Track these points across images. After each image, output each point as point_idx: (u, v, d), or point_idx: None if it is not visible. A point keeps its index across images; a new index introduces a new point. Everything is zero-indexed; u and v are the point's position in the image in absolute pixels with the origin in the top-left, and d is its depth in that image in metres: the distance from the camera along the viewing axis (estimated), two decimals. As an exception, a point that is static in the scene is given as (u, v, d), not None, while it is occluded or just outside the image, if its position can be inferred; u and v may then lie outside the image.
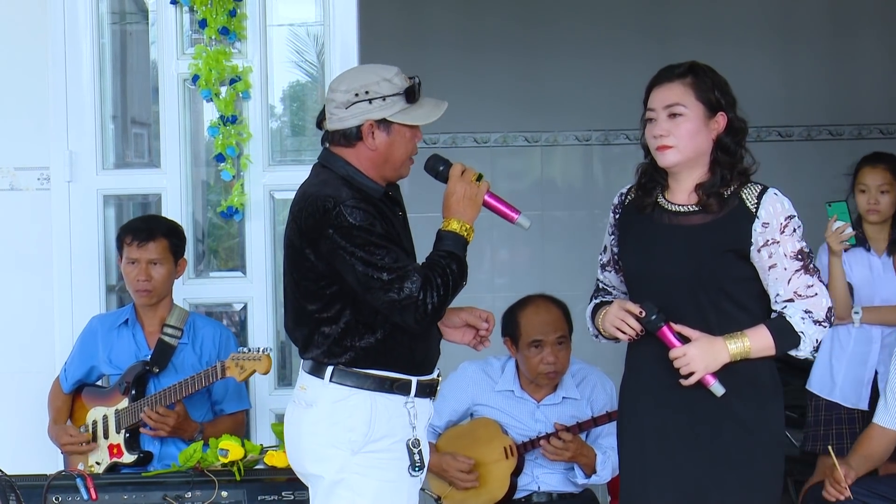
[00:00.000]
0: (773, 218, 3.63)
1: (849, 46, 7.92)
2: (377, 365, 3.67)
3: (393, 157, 3.71)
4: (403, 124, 3.70)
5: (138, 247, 4.77)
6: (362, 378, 3.66)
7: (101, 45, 5.26)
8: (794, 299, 3.64)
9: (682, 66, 3.72)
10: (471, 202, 3.72)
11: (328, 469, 3.68)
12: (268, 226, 5.19)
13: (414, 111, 3.70)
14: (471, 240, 3.72)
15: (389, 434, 3.67)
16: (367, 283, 3.58)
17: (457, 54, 7.65)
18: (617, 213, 3.86)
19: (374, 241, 3.58)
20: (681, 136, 3.66)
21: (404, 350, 3.68)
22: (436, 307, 3.58)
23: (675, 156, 3.67)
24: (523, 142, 7.90)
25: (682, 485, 3.66)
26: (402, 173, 3.77)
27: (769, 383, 3.70)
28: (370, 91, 3.67)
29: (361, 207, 3.60)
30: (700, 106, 3.67)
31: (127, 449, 4.72)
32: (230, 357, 4.49)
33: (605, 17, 7.83)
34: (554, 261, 7.82)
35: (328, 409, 3.67)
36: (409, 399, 3.68)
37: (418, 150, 3.78)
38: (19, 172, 5.28)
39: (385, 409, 3.66)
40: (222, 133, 5.10)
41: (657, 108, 3.69)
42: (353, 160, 3.71)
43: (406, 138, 3.71)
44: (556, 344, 5.00)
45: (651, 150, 3.72)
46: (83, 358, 4.89)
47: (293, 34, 6.08)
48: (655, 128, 3.68)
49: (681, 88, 3.67)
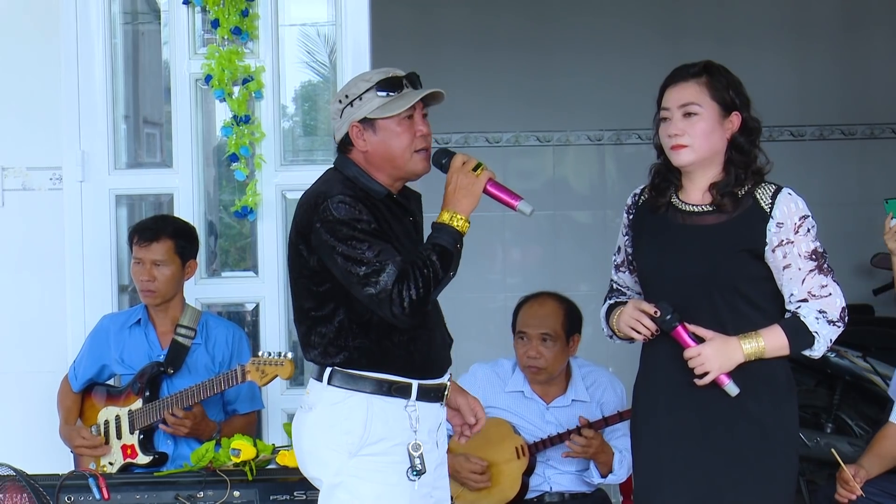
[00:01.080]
0: (788, 218, 3.63)
1: (861, 46, 7.90)
2: (374, 367, 3.65)
3: (391, 154, 3.69)
4: (384, 118, 3.68)
5: (143, 247, 4.77)
6: (359, 380, 3.65)
7: (114, 45, 5.26)
8: (808, 299, 3.63)
9: (696, 65, 3.72)
10: (466, 193, 3.65)
11: (326, 472, 3.68)
12: (280, 226, 5.19)
13: (394, 103, 3.67)
14: (464, 230, 3.65)
15: (388, 437, 3.64)
16: (348, 278, 3.58)
17: (468, 54, 7.65)
18: (631, 213, 3.86)
19: (356, 235, 3.57)
20: (696, 135, 3.65)
21: (402, 352, 3.65)
22: (415, 300, 3.53)
23: (689, 155, 3.67)
24: (535, 141, 7.89)
25: (697, 485, 3.66)
26: (412, 169, 3.72)
27: (783, 383, 3.69)
28: (349, 94, 3.69)
29: (347, 203, 3.60)
30: (715, 105, 3.66)
31: (142, 450, 4.72)
32: (250, 361, 4.46)
33: (617, 16, 7.82)
34: (566, 260, 7.81)
35: (326, 412, 3.67)
36: (409, 403, 3.65)
37: (430, 144, 3.74)
38: (32, 172, 5.29)
39: (382, 412, 3.63)
40: (236, 133, 5.09)
41: (672, 107, 3.68)
42: (360, 163, 3.72)
43: (396, 132, 3.67)
44: (540, 340, 4.99)
45: (665, 149, 3.72)
46: (94, 357, 4.89)
47: (305, 34, 6.08)
48: (670, 127, 3.68)
49: (696, 88, 3.67)
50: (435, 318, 3.77)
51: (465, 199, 3.66)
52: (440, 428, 3.79)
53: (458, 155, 3.73)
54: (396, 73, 3.71)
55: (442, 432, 3.80)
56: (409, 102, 3.66)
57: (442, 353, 3.76)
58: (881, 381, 6.28)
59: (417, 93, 3.69)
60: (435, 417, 3.74)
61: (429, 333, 3.70)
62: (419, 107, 3.71)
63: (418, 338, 3.66)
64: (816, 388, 6.57)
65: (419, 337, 3.66)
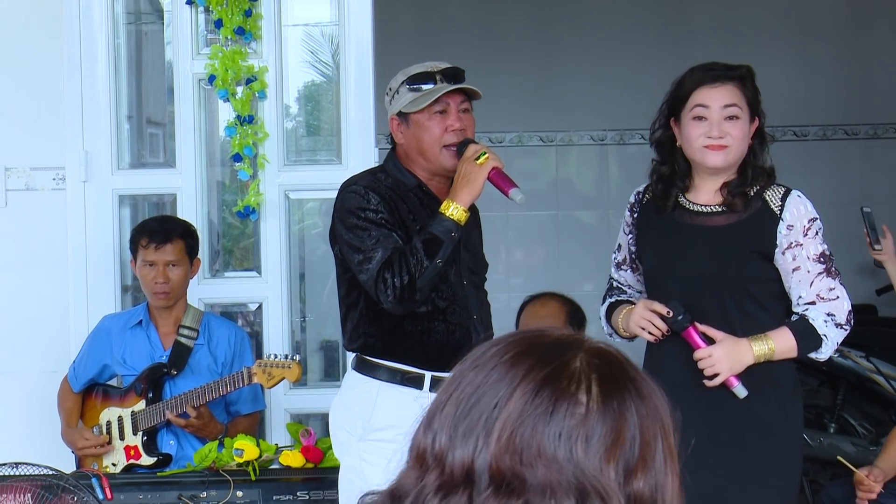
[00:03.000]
0: (797, 220, 3.62)
1: (864, 46, 7.90)
2: (388, 355, 3.72)
3: (421, 148, 3.73)
4: (414, 112, 3.70)
5: (156, 249, 4.75)
6: (374, 367, 3.73)
7: (117, 45, 5.26)
8: (816, 302, 3.63)
9: (738, 68, 3.69)
10: (467, 182, 3.66)
11: (342, 453, 3.81)
12: (283, 226, 5.19)
13: (422, 98, 3.71)
14: (461, 220, 3.65)
15: (396, 425, 3.63)
16: (351, 266, 3.70)
17: (471, 54, 7.63)
18: (634, 211, 3.84)
19: (359, 224, 3.65)
20: (736, 137, 3.64)
21: (415, 343, 3.70)
22: (401, 287, 3.56)
23: (727, 157, 3.64)
24: (538, 141, 7.89)
25: (702, 485, 3.64)
26: (442, 163, 3.74)
27: (790, 385, 3.69)
28: (391, 88, 3.78)
29: (357, 192, 3.68)
30: (749, 110, 3.66)
31: (145, 451, 4.70)
32: (256, 363, 4.45)
33: (620, 16, 7.82)
34: (569, 260, 7.81)
35: (345, 395, 3.78)
36: (421, 393, 3.68)
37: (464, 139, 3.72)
38: (35, 172, 5.28)
39: (390, 399, 3.69)
40: (239, 133, 5.09)
41: (713, 106, 3.64)
42: (400, 155, 3.80)
43: (426, 127, 3.71)
44: None
45: (694, 148, 3.65)
46: (95, 357, 4.86)
47: (308, 34, 6.08)
48: (712, 128, 3.63)
49: (737, 90, 3.65)
50: (461, 313, 3.78)
51: (465, 189, 3.67)
52: None
53: (471, 144, 3.73)
54: (431, 67, 3.74)
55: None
56: (431, 98, 3.68)
57: (464, 348, 3.74)
58: (885, 382, 6.27)
59: (439, 88, 3.70)
60: None
61: (448, 326, 3.71)
62: (455, 102, 3.72)
63: (434, 330, 3.70)
64: (820, 388, 6.55)
65: (435, 329, 3.69)
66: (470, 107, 3.78)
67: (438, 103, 3.69)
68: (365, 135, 5.14)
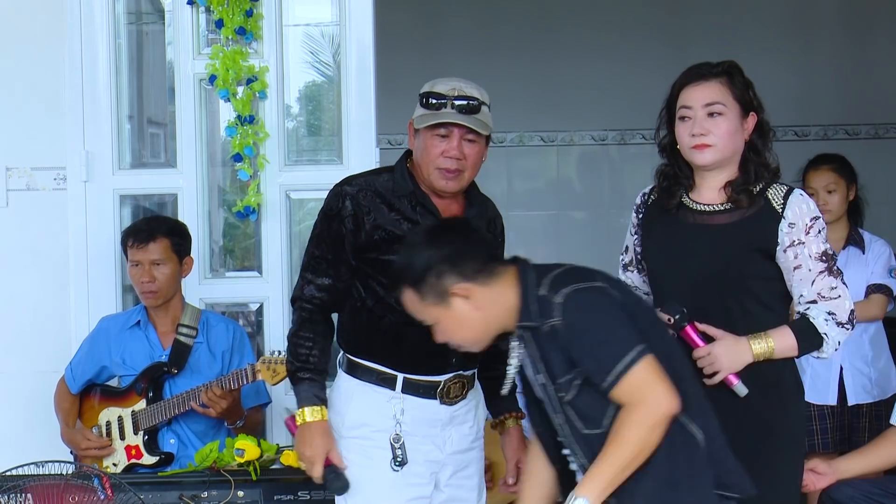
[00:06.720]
0: (799, 219, 3.62)
1: (864, 46, 7.90)
2: (365, 355, 3.74)
3: (420, 161, 3.74)
4: (421, 127, 3.72)
5: (139, 248, 4.76)
6: (354, 366, 3.77)
7: (118, 45, 5.27)
8: (817, 301, 3.62)
9: (720, 64, 3.69)
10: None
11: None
12: (283, 226, 5.20)
13: (426, 117, 3.70)
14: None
15: (369, 423, 3.72)
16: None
17: (473, 53, 7.64)
18: (640, 212, 3.84)
19: (318, 232, 3.74)
20: (720, 135, 3.63)
21: (389, 345, 3.71)
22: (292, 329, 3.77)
23: (713, 155, 3.64)
24: (539, 141, 7.89)
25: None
26: (432, 181, 3.71)
27: (791, 384, 3.69)
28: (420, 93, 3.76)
29: (334, 191, 3.74)
30: (737, 105, 3.65)
31: (147, 451, 4.71)
32: (260, 360, 4.46)
33: (620, 16, 7.82)
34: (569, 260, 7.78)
35: (332, 394, 3.81)
36: (394, 394, 3.71)
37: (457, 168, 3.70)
38: (36, 172, 5.29)
39: (364, 398, 3.72)
40: (240, 133, 5.10)
41: (695, 106, 3.65)
42: (413, 159, 3.80)
43: (426, 144, 3.70)
44: None
45: (684, 148, 3.68)
46: (93, 359, 4.86)
47: (309, 34, 6.08)
48: (694, 126, 3.65)
49: (719, 87, 3.65)
50: None
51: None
52: (447, 428, 3.80)
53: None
54: (450, 90, 3.69)
55: (455, 434, 3.83)
56: (427, 122, 3.68)
57: (442, 355, 3.71)
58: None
59: (445, 114, 3.67)
60: (429, 413, 3.76)
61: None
62: (461, 130, 3.68)
63: (406, 335, 3.68)
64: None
65: (407, 334, 3.67)
66: (477, 137, 3.73)
67: (443, 126, 3.69)
68: (366, 135, 5.15)
